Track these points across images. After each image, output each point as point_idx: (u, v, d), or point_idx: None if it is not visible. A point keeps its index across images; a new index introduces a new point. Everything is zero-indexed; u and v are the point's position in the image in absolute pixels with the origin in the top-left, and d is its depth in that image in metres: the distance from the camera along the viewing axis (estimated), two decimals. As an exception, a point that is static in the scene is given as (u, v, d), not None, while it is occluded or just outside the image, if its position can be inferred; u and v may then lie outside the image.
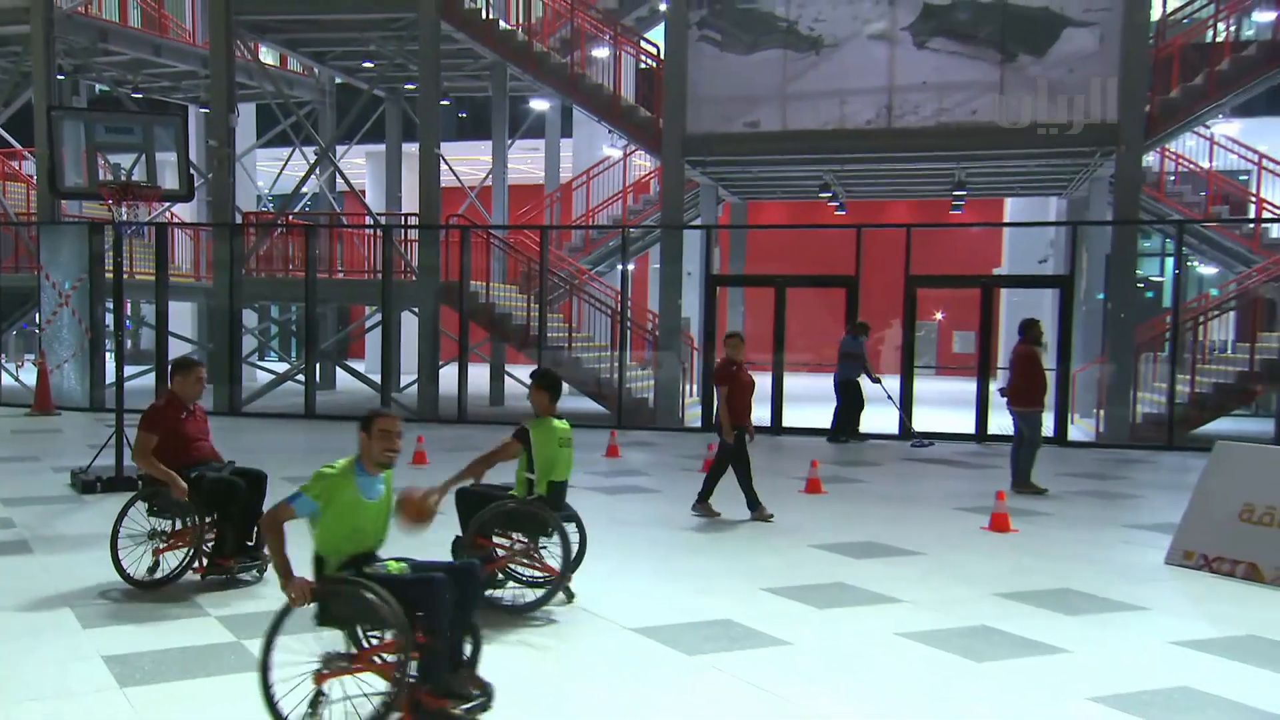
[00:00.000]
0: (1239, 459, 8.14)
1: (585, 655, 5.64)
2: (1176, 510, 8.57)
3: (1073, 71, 14.90)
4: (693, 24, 15.98)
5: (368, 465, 4.64)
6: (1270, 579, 7.32)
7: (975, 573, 7.56)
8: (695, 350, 18.36)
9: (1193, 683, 5.30)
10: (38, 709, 4.72)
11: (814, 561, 7.81)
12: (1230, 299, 18.62)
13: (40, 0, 17.47)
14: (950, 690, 5.19)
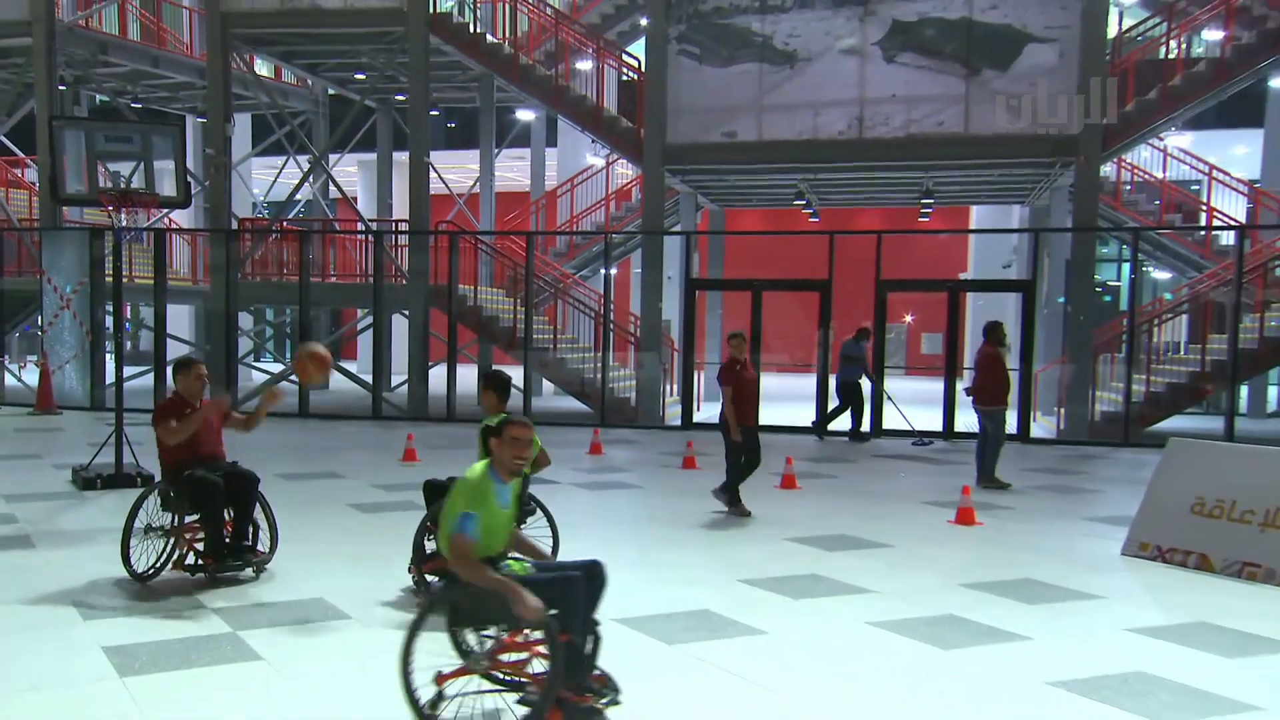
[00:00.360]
0: (1191, 455, 8.21)
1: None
2: (1132, 504, 8.62)
3: (1034, 85, 14.99)
4: (672, 39, 16.01)
5: (501, 472, 4.50)
6: (1220, 569, 7.39)
7: (942, 564, 7.61)
8: (675, 351, 18.38)
9: (1146, 668, 5.36)
10: (38, 698, 4.71)
11: (789, 554, 7.84)
12: (1183, 303, 18.77)
13: (42, 13, 17.41)
14: (919, 676, 5.24)
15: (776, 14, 15.64)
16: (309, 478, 11.02)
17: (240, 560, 6.64)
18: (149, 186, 10.15)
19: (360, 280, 18.76)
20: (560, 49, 17.86)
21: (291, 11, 16.98)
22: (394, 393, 18.63)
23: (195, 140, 22.67)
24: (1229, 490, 7.60)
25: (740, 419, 9.36)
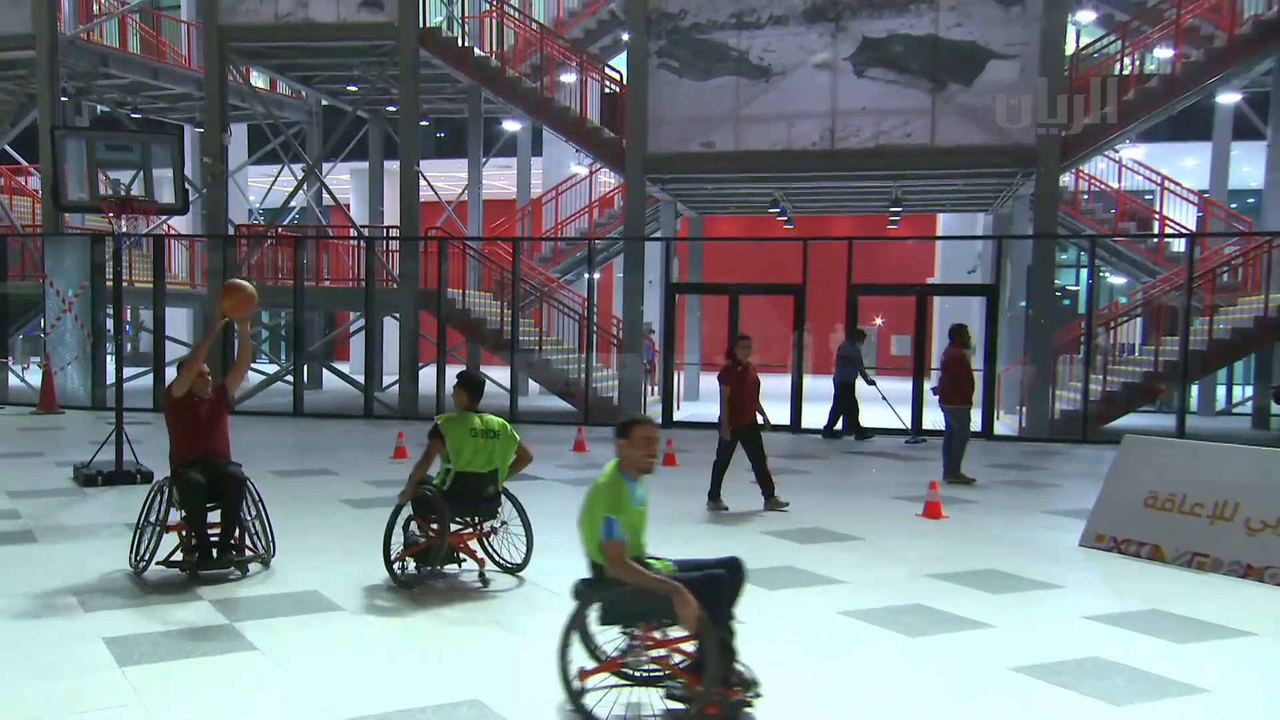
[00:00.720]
0: (1145, 451, 8.27)
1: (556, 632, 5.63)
2: (1089, 497, 8.68)
3: (997, 100, 15.08)
4: (652, 53, 16.03)
5: (631, 471, 4.43)
6: (1172, 559, 7.45)
7: (910, 556, 7.65)
8: (657, 353, 18.40)
9: (1102, 653, 5.40)
10: (42, 687, 4.69)
11: (765, 546, 7.86)
12: (1137, 306, 18.93)
13: (45, 27, 17.38)
14: (888, 663, 5.27)
15: (752, 30, 15.69)
16: (303, 474, 10.98)
17: (224, 559, 6.51)
18: (148, 194, 10.12)
19: (353, 284, 18.71)
20: (545, 62, 17.84)
21: (286, 26, 16.92)
22: (385, 392, 18.58)
23: (193, 149, 22.55)
24: (1180, 485, 7.66)
25: (738, 419, 9.36)
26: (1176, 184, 19.63)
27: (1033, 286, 16.25)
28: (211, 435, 6.71)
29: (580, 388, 16.81)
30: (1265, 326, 15.09)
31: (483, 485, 6.56)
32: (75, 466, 10.34)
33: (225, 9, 17.02)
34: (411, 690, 4.67)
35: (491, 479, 6.61)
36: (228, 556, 6.51)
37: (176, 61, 21.06)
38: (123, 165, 10.42)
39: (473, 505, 6.59)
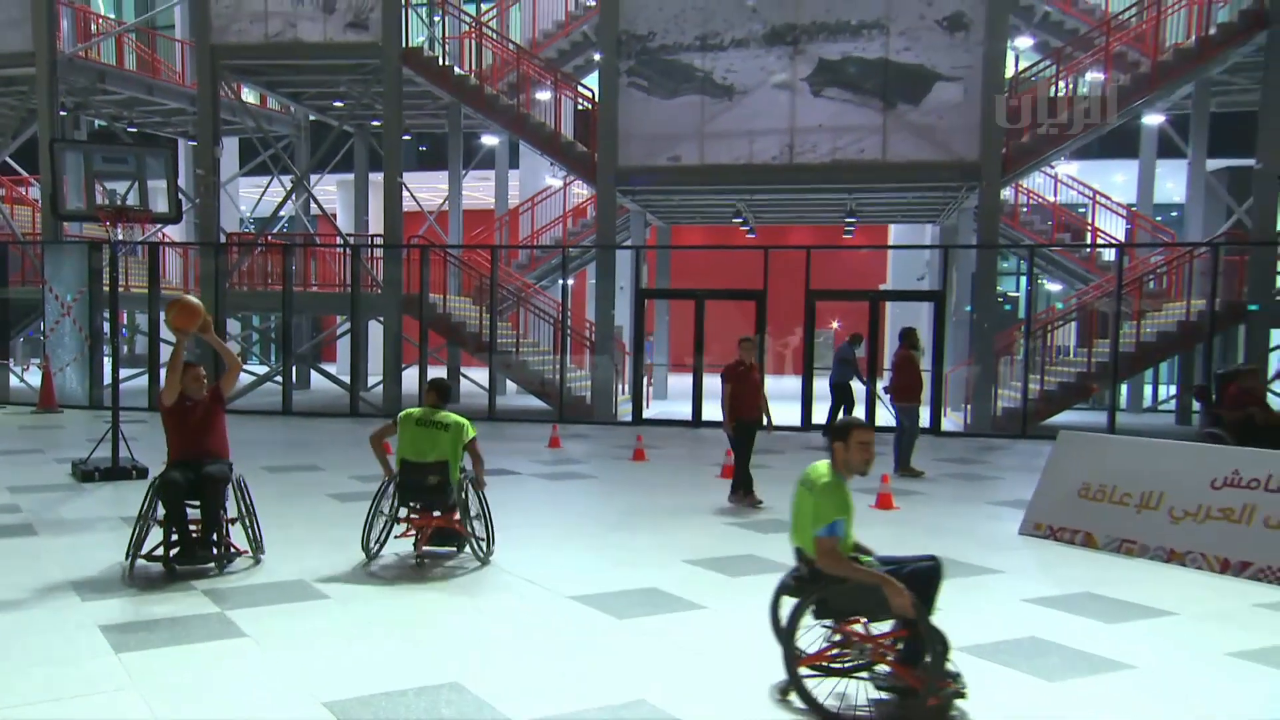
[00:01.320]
0: (1078, 445, 8.33)
1: (531, 619, 5.65)
2: (1028, 489, 8.73)
3: (942, 119, 15.24)
4: (623, 72, 16.04)
5: (844, 472, 4.37)
6: (1102, 545, 7.54)
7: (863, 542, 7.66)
8: (626, 354, 18.40)
9: (1039, 633, 5.46)
10: (41, 673, 4.63)
11: (728, 537, 7.88)
12: (1072, 311, 19.14)
13: (44, 46, 17.25)
14: (841, 644, 5.30)
15: (716, 52, 15.73)
16: (291, 470, 10.88)
17: (202, 554, 6.32)
18: (143, 203, 10.01)
19: (339, 290, 18.54)
20: (521, 80, 17.80)
21: (275, 45, 16.79)
22: (370, 392, 18.46)
23: (187, 161, 22.26)
24: (1110, 476, 7.74)
25: (741, 413, 9.26)
26: (1107, 198, 19.87)
27: (977, 292, 16.40)
28: (203, 436, 6.57)
29: (555, 387, 16.78)
30: (1187, 330, 15.34)
31: (424, 474, 6.59)
32: (73, 463, 10.20)
33: (218, 29, 16.87)
34: (394, 674, 4.65)
35: (434, 470, 6.59)
36: (206, 552, 6.34)
37: (171, 78, 20.86)
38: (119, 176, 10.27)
39: (416, 492, 6.66)
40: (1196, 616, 5.90)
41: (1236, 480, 7.11)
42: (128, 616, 5.50)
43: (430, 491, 6.63)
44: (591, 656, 5.03)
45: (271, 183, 21.19)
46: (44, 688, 4.46)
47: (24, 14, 17.52)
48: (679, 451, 13.13)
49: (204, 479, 6.35)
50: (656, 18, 15.85)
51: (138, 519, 6.37)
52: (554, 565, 6.84)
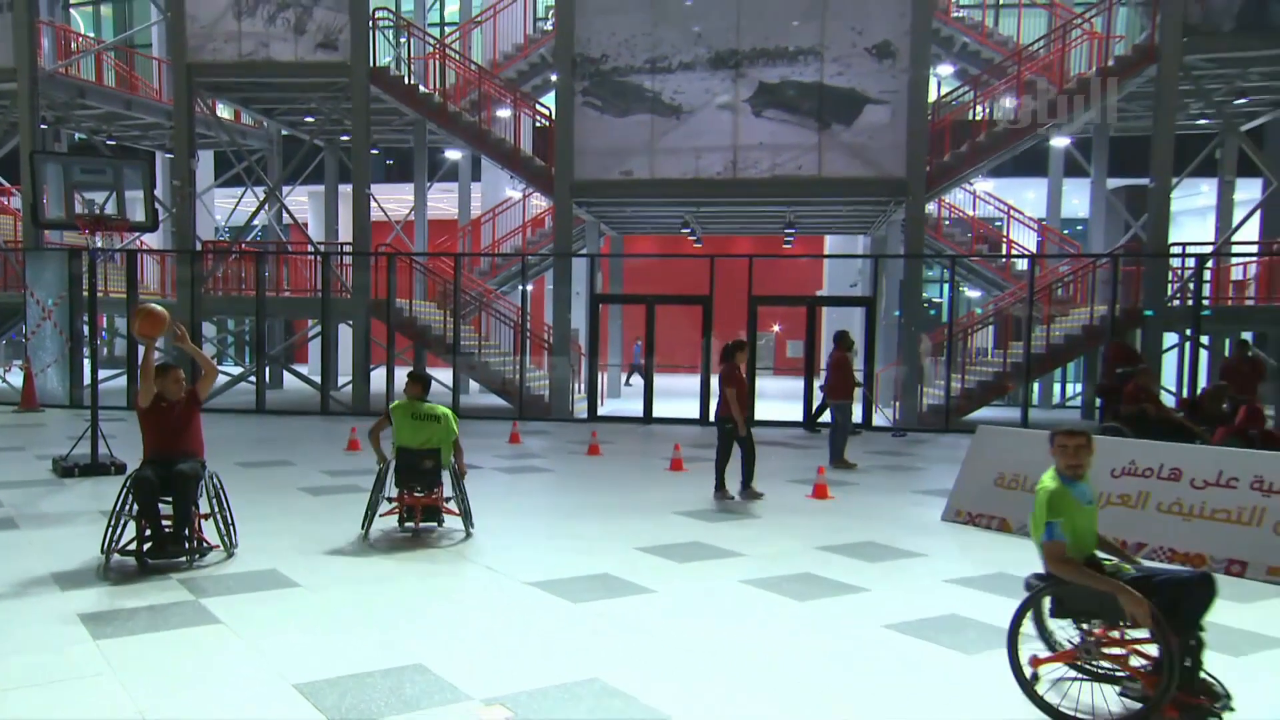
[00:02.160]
0: (995, 439, 8.48)
1: (491, 604, 5.63)
2: (950, 479, 8.88)
3: (873, 138, 15.43)
4: (578, 92, 16.00)
5: (1068, 474, 4.12)
6: (1016, 530, 7.64)
7: (801, 531, 7.72)
8: (582, 356, 18.37)
9: (959, 611, 5.54)
10: (22, 660, 4.51)
11: (676, 525, 7.89)
12: (989, 316, 19.48)
13: (26, 62, 16.87)
14: (781, 623, 5.34)
15: (664, 74, 15.76)
16: (264, 465, 10.70)
17: (174, 549, 6.15)
18: (121, 213, 9.80)
19: (310, 295, 18.27)
20: (483, 99, 17.68)
21: (249, 64, 16.50)
22: (340, 391, 18.21)
23: (164, 173, 21.83)
24: (1023, 467, 7.85)
25: (727, 411, 9.11)
26: (1019, 213, 20.23)
27: (904, 298, 16.60)
28: (178, 436, 6.41)
29: (515, 387, 16.70)
30: (1091, 333, 15.69)
31: (419, 459, 7.07)
32: (54, 459, 9.97)
33: (193, 48, 16.53)
34: (361, 657, 4.59)
35: (428, 455, 7.10)
36: (178, 547, 6.18)
37: (148, 94, 20.45)
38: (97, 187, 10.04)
39: (410, 475, 7.10)
40: (1099, 593, 6.04)
41: (1133, 469, 7.29)
42: (106, 605, 5.38)
43: (425, 474, 7.11)
44: (548, 638, 5.01)
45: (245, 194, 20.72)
46: (24, 674, 4.34)
47: (6, 32, 17.14)
48: (631, 447, 13.14)
49: (175, 476, 6.20)
50: (609, 42, 15.85)
51: (112, 515, 6.22)
52: (513, 553, 6.81)
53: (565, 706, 4.06)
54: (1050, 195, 19.89)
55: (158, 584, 5.81)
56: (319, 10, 16.29)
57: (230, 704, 4.05)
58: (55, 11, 19.43)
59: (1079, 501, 4.07)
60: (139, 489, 6.09)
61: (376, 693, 4.16)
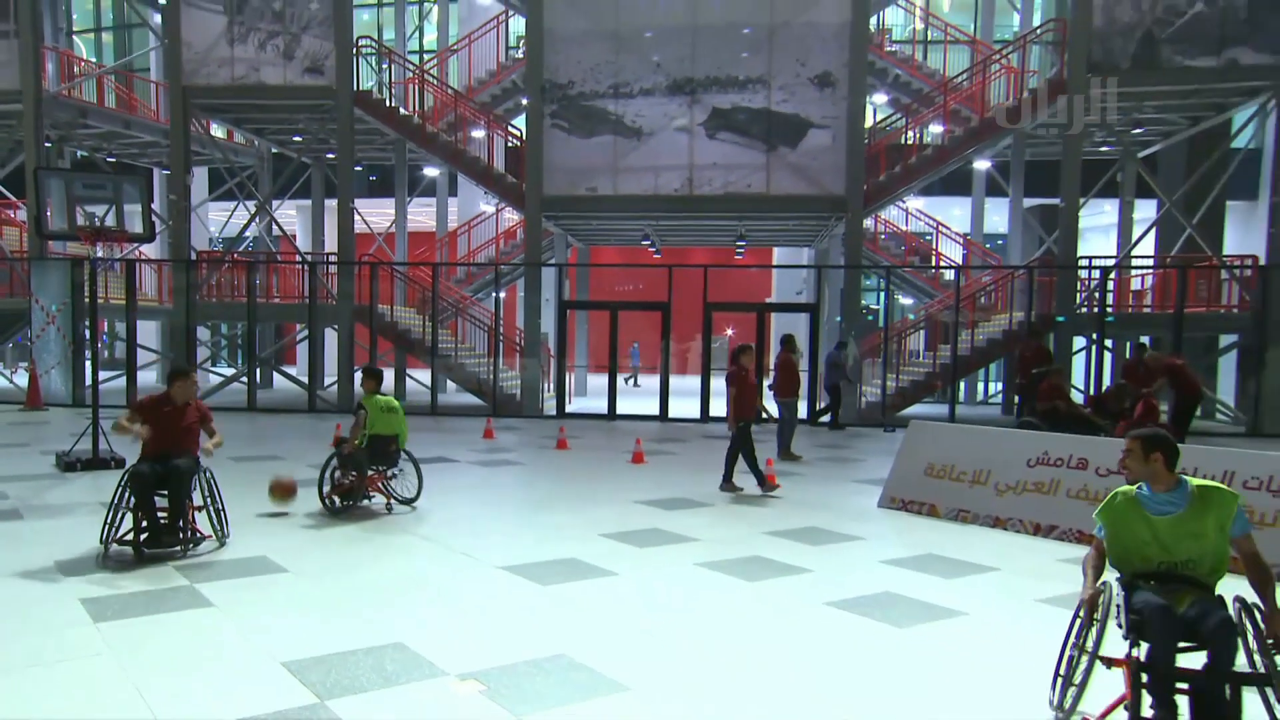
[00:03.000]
0: (925, 433, 8.56)
1: (466, 586, 5.61)
2: (885, 469, 8.96)
3: (816, 160, 15.58)
4: (547, 115, 15.96)
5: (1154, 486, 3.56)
6: (944, 515, 7.78)
7: (751, 518, 7.76)
8: (551, 357, 18.32)
9: (892, 588, 5.61)
10: (26, 642, 4.43)
11: (637, 514, 7.89)
12: (921, 321, 19.73)
13: (31, 84, 16.63)
14: (731, 601, 5.37)
15: (626, 99, 15.79)
16: (255, 459, 10.54)
17: (169, 539, 6.05)
18: (120, 225, 9.62)
19: (298, 301, 18.01)
20: (459, 120, 17.56)
21: (241, 87, 16.26)
22: (326, 391, 17.97)
23: (161, 188, 21.43)
24: (950, 458, 7.98)
25: (743, 413, 9.00)
26: (947, 228, 20.54)
27: (844, 305, 16.76)
28: (175, 435, 6.30)
29: (489, 386, 16.60)
30: (1010, 337, 15.97)
31: (387, 444, 7.70)
32: (57, 455, 9.75)
33: (189, 72, 16.26)
34: (345, 637, 4.56)
35: (392, 440, 7.74)
36: (172, 537, 6.07)
37: (146, 115, 20.04)
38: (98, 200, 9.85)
39: (381, 457, 7.69)
40: (1015, 571, 6.14)
41: (1046, 459, 7.46)
42: (105, 590, 5.28)
43: (390, 456, 7.74)
44: (518, 618, 5.01)
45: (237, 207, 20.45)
46: (28, 654, 4.26)
47: (12, 56, 16.89)
48: (597, 441, 13.14)
49: (170, 471, 6.10)
50: (575, 69, 15.84)
51: (110, 507, 6.09)
52: (486, 539, 6.79)
53: (534, 680, 4.06)
54: (974, 213, 20.18)
55: (154, 571, 5.71)
56: (306, 38, 16.12)
57: (223, 681, 4.00)
58: (59, 37, 19.05)
59: (1145, 509, 3.52)
60: (135, 483, 5.98)
61: (359, 669, 4.14)
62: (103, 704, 3.76)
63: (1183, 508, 3.45)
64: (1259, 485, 6.33)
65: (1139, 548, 3.51)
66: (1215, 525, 3.41)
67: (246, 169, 21.08)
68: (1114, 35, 14.77)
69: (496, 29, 19.43)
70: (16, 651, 4.32)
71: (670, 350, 16.39)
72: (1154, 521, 3.48)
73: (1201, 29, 14.56)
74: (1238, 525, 3.42)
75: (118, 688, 3.92)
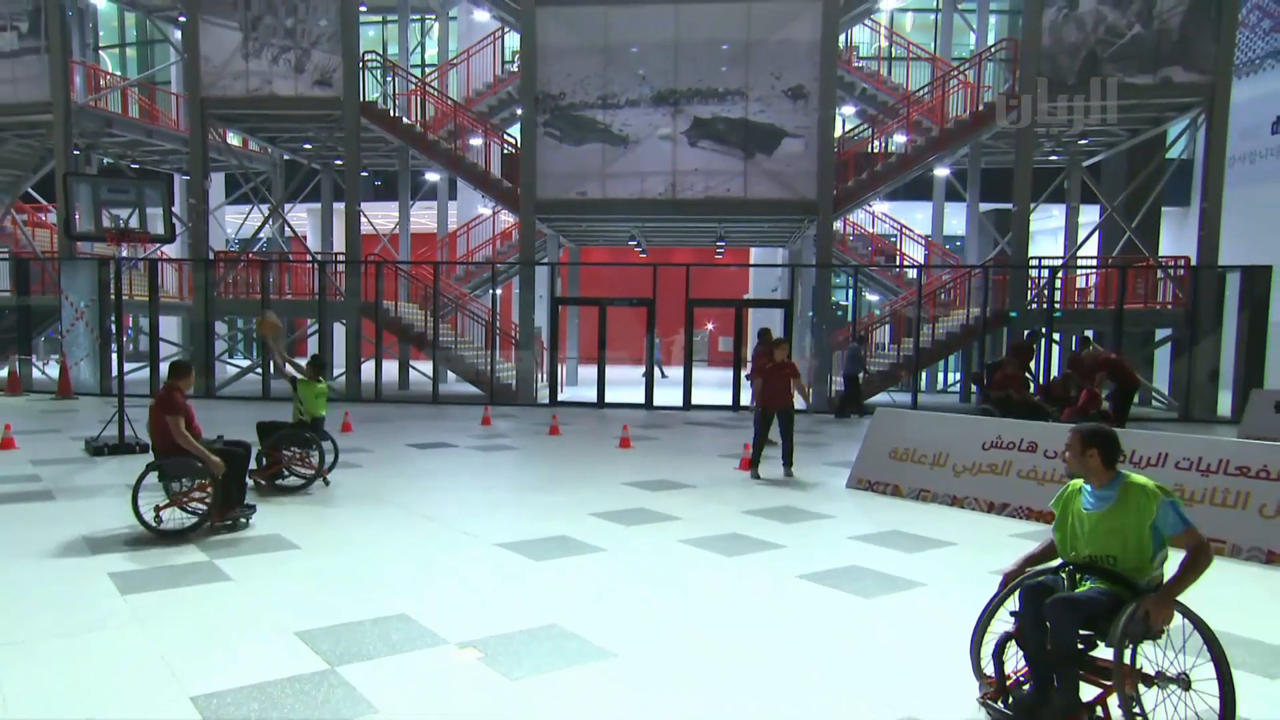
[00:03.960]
0: (890, 418, 8.60)
1: (466, 561, 5.60)
2: (853, 452, 8.98)
3: (790, 166, 15.60)
4: (540, 124, 15.89)
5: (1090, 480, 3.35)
6: (907, 494, 7.82)
7: (729, 498, 7.76)
8: (544, 350, 18.28)
9: (858, 562, 5.65)
10: (58, 613, 4.41)
11: (625, 494, 7.89)
12: (886, 317, 19.83)
13: (60, 97, 16.58)
14: (711, 574, 5.39)
15: (614, 109, 15.73)
16: (268, 446, 10.46)
17: (247, 509, 6.32)
18: (143, 226, 9.61)
19: (309, 298, 17.89)
20: (458, 129, 17.46)
21: (255, 98, 16.13)
22: (335, 381, 17.84)
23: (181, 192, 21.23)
24: (912, 442, 8.03)
25: (768, 401, 8.78)
26: (910, 230, 20.63)
27: (816, 301, 16.82)
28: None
29: (486, 376, 16.55)
30: (967, 331, 16.08)
31: (322, 422, 7.94)
32: (86, 440, 9.70)
33: (206, 84, 16.14)
34: (354, 609, 4.55)
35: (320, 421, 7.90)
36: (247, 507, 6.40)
37: (167, 124, 19.90)
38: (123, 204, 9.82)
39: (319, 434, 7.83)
40: (970, 545, 6.19)
41: (999, 443, 7.52)
42: (132, 565, 5.26)
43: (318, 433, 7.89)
44: (514, 591, 5.01)
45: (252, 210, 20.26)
46: (63, 623, 4.25)
47: (43, 70, 16.84)
48: (586, 428, 13.13)
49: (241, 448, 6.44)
50: (566, 81, 15.76)
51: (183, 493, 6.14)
52: (484, 519, 6.78)
53: (528, 648, 4.07)
54: (934, 216, 20.26)
55: (178, 548, 5.68)
56: (316, 52, 16.00)
57: (241, 649, 3.99)
58: (86, 53, 18.87)
59: (1081, 502, 3.36)
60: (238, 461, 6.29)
61: (366, 638, 4.13)
62: (131, 669, 3.75)
63: (1109, 504, 3.26)
64: (1189, 466, 6.41)
65: (1071, 539, 3.36)
66: (1135, 524, 3.17)
67: (260, 174, 20.88)
68: (1060, 54, 14.85)
69: (493, 44, 19.31)
70: (52, 620, 4.31)
71: (655, 343, 16.37)
72: (1083, 516, 3.32)
73: (1139, 49, 14.67)
74: (1170, 524, 3.14)
75: (145, 654, 3.91)
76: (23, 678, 3.65)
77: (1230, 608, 4.84)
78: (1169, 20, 14.60)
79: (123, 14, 25.02)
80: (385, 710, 3.42)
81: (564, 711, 3.45)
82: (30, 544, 5.69)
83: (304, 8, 16.00)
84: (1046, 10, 14.81)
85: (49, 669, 3.75)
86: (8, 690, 3.54)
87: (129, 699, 3.48)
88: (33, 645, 3.99)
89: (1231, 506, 6.09)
